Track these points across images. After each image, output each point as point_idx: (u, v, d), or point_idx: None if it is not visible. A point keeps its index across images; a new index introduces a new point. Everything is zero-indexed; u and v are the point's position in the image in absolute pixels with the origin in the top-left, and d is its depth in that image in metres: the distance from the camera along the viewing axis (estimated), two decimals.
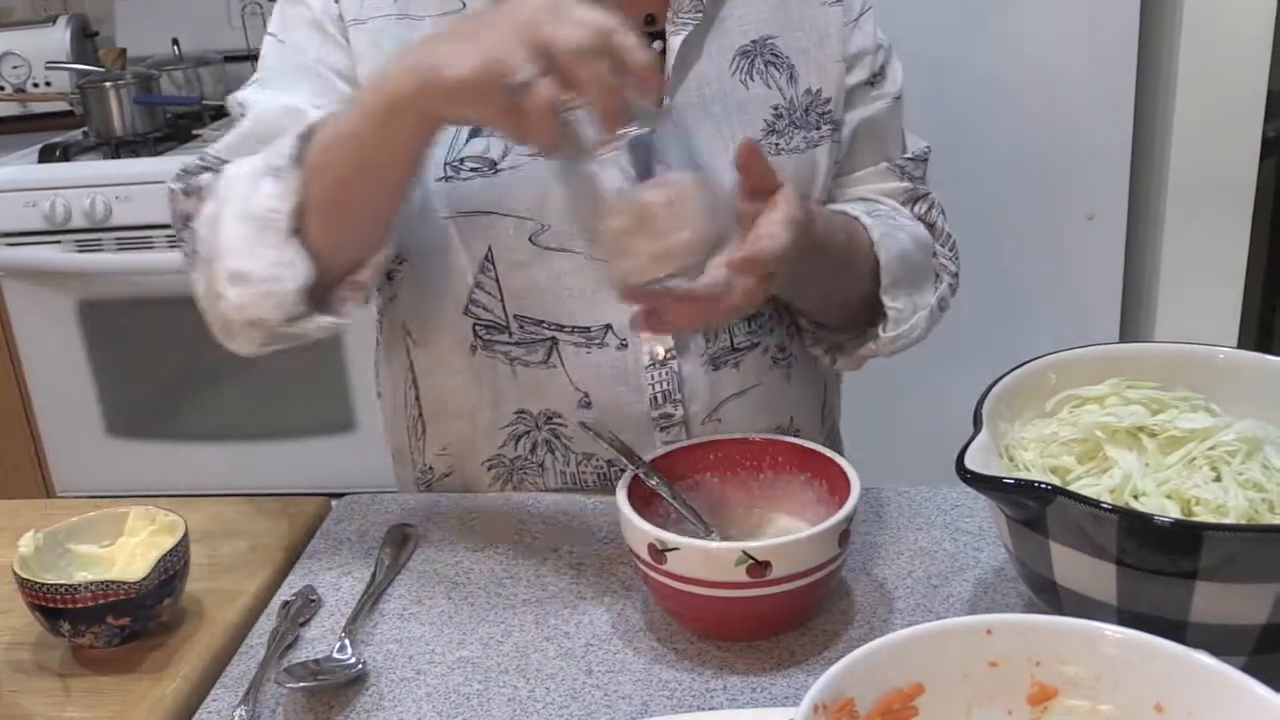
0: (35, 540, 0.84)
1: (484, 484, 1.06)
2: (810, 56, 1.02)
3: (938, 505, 0.95)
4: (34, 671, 0.83)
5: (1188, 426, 0.74)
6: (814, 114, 1.03)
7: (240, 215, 0.87)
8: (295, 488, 2.13)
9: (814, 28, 1.03)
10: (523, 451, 1.03)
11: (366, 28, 0.96)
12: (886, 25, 1.09)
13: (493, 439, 1.03)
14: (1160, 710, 0.55)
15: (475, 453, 1.05)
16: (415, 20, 0.96)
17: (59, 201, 2.11)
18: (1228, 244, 1.93)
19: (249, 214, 0.87)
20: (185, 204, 0.95)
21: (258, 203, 0.86)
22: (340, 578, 0.91)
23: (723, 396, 1.02)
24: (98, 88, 2.30)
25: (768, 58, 1.01)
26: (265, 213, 0.86)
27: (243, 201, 0.87)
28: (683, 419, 1.01)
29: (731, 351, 1.02)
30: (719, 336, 1.02)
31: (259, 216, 0.87)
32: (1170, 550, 0.64)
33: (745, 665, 0.78)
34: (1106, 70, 1.88)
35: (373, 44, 0.96)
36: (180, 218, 0.96)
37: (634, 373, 0.99)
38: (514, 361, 1.00)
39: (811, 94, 1.02)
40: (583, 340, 0.98)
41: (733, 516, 0.89)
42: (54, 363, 2.23)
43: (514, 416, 1.02)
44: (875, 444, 1.30)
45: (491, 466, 1.05)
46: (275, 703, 0.77)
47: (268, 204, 0.86)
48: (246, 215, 0.87)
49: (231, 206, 0.88)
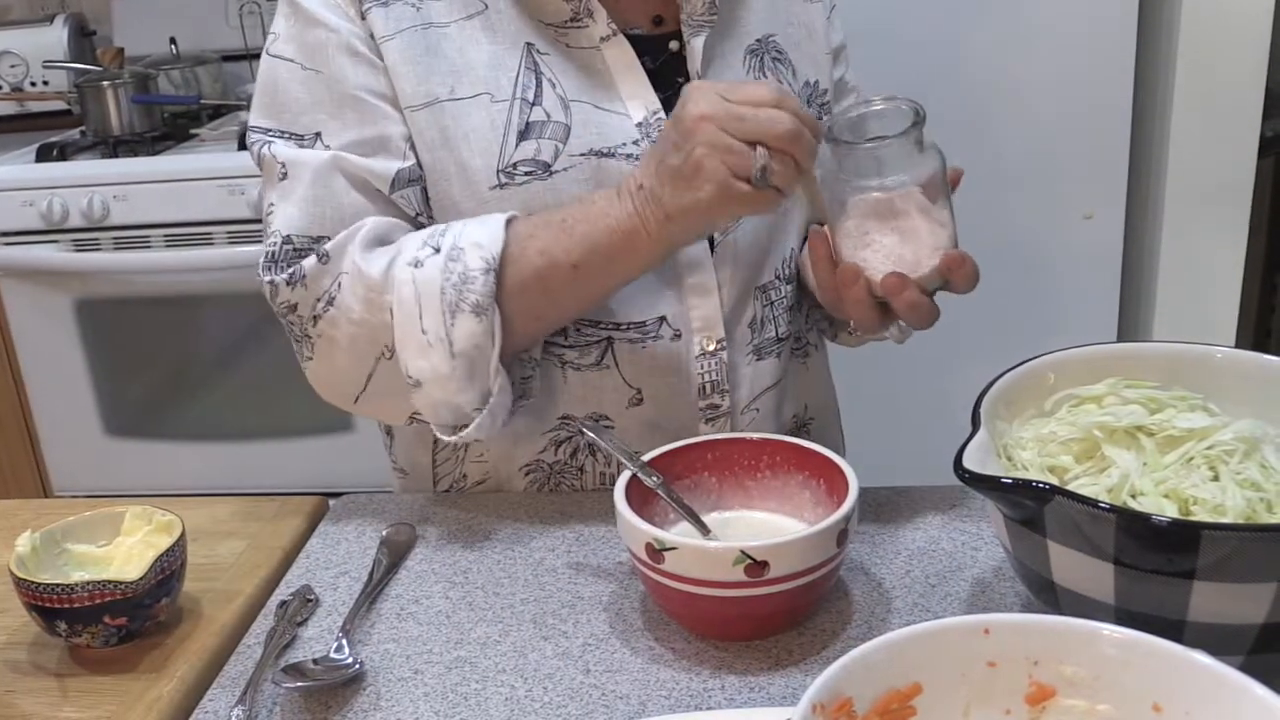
0: (32, 540, 0.84)
1: (519, 489, 1.05)
2: (803, 50, 1.07)
3: (936, 505, 0.95)
4: (31, 671, 0.83)
5: (1186, 426, 0.74)
6: (814, 105, 1.07)
7: (437, 349, 0.90)
8: (293, 487, 2.13)
9: (801, 23, 1.07)
10: (563, 456, 1.03)
11: (395, 43, 0.95)
12: (885, 23, 1.11)
13: (534, 444, 1.03)
14: (1158, 710, 0.55)
15: (514, 458, 1.04)
16: (440, 28, 0.96)
17: (56, 201, 2.10)
18: (1226, 243, 1.92)
19: (451, 351, 0.90)
20: (289, 295, 0.94)
21: (461, 339, 0.90)
22: (337, 577, 0.91)
23: (762, 387, 1.05)
24: (95, 87, 2.29)
25: (773, 54, 1.04)
26: (473, 351, 0.90)
27: (430, 334, 0.90)
28: (728, 409, 1.02)
29: (776, 341, 1.06)
30: (765, 326, 1.04)
31: (466, 354, 0.90)
32: (1168, 550, 0.64)
33: (743, 665, 0.78)
34: (1104, 68, 1.88)
35: (402, 59, 0.95)
36: (286, 307, 0.95)
37: (685, 362, 1.00)
38: (566, 365, 1.00)
39: (810, 86, 1.07)
40: (638, 335, 0.99)
41: (730, 516, 0.89)
42: (51, 362, 2.23)
43: (558, 422, 1.02)
44: (873, 443, 1.30)
45: (529, 472, 1.04)
46: (272, 703, 0.77)
47: (473, 341, 0.90)
48: (448, 351, 0.90)
49: (407, 337, 0.90)
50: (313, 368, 0.97)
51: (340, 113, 0.95)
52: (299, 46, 0.96)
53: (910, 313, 0.86)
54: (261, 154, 0.97)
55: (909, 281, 0.85)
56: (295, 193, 0.94)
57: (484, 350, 0.90)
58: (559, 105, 0.96)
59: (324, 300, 0.93)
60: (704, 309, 1.00)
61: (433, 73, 0.95)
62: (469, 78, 0.95)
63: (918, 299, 0.85)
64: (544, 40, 0.97)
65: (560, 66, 0.97)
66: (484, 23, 0.96)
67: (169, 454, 2.26)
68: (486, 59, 0.96)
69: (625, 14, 0.99)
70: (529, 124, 0.95)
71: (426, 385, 0.91)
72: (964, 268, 0.85)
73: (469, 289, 0.88)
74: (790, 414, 1.10)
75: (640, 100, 0.97)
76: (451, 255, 0.89)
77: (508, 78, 0.96)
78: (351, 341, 0.93)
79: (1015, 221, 1.95)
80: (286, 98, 0.96)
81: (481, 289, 0.88)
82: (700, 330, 1.00)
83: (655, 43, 0.99)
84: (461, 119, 0.95)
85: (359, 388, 0.96)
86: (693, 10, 0.98)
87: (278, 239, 0.94)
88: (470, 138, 0.95)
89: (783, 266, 1.05)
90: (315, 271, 0.93)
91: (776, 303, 1.05)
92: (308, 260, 0.93)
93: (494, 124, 0.95)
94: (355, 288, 0.91)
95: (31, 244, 2.15)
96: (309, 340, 0.95)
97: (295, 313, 0.95)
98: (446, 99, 0.95)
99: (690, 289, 1.00)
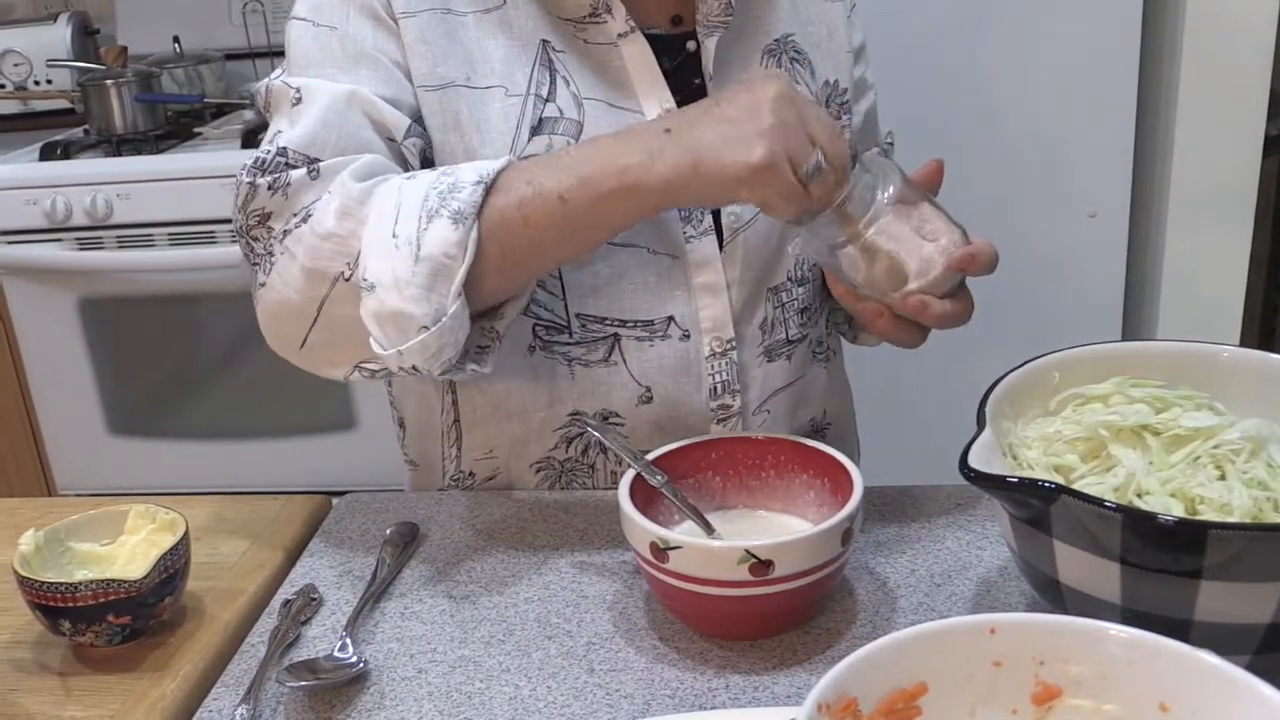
0: (35, 538, 0.84)
1: (530, 486, 1.05)
2: (824, 49, 1.07)
3: (941, 504, 0.95)
4: (34, 670, 0.83)
5: (1192, 425, 0.74)
6: (834, 105, 1.07)
7: (403, 251, 0.83)
8: (296, 486, 2.13)
9: (822, 22, 1.07)
10: (574, 453, 1.03)
11: (414, 21, 0.95)
12: (890, 23, 1.11)
13: (544, 441, 1.03)
14: (1165, 710, 0.55)
15: (524, 455, 1.04)
16: (458, 16, 0.96)
17: (60, 199, 2.10)
18: (1230, 242, 1.92)
19: (416, 253, 0.83)
20: (268, 200, 0.89)
21: (431, 243, 0.83)
22: (341, 576, 0.91)
23: (774, 388, 1.05)
24: (99, 85, 2.29)
25: (791, 54, 1.04)
26: (440, 258, 0.83)
27: (400, 238, 0.83)
28: (739, 410, 1.02)
29: (786, 344, 1.05)
30: (775, 328, 1.04)
31: (433, 259, 0.83)
32: (1174, 549, 0.63)
33: (747, 664, 0.78)
34: (1109, 67, 1.88)
35: (419, 39, 0.94)
36: (258, 215, 0.89)
37: (695, 363, 1.00)
38: (573, 362, 1.00)
39: (830, 85, 1.07)
40: (645, 334, 0.99)
41: (735, 515, 0.89)
42: (55, 361, 2.23)
43: (568, 419, 1.02)
44: (878, 442, 1.30)
45: (540, 469, 1.04)
46: (276, 702, 0.77)
47: (443, 248, 0.83)
48: (414, 254, 0.83)
49: (375, 240, 0.84)
50: (264, 296, 0.89)
51: (353, 68, 0.92)
52: (314, 7, 0.95)
53: (941, 323, 0.87)
54: (271, 85, 0.94)
55: (929, 299, 0.86)
56: (306, 115, 0.90)
57: (452, 262, 0.83)
58: (572, 103, 0.96)
59: (300, 216, 0.87)
60: (713, 309, 1.00)
61: (450, 56, 0.95)
62: (484, 70, 0.95)
63: (942, 310, 0.86)
64: (561, 36, 0.97)
65: (576, 64, 0.97)
66: (501, 17, 0.96)
67: (173, 453, 2.26)
68: (502, 54, 0.96)
69: (644, 13, 0.99)
70: (542, 120, 0.95)
71: (380, 289, 0.83)
72: (975, 264, 0.85)
73: (454, 196, 0.84)
74: (807, 418, 1.10)
75: (655, 99, 0.97)
76: (446, 171, 0.86)
77: (522, 73, 0.96)
78: (313, 257, 0.86)
79: (1019, 220, 1.95)
80: (303, 52, 0.94)
81: (467, 198, 0.83)
82: (709, 331, 1.00)
83: (673, 43, 0.99)
84: (475, 108, 0.95)
85: (308, 322, 0.87)
86: (709, 11, 0.98)
87: (272, 149, 0.90)
88: (482, 127, 0.95)
89: (795, 268, 1.05)
90: (300, 183, 0.88)
91: (788, 304, 1.05)
92: (296, 171, 0.88)
93: (506, 117, 0.95)
94: (332, 202, 0.86)
95: (35, 243, 2.15)
96: (269, 260, 0.89)
97: (265, 224, 0.89)
98: (462, 84, 0.95)
99: (699, 289, 0.99)
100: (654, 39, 0.98)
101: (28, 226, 2.14)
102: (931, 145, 1.13)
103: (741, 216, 1.00)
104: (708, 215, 0.99)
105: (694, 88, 0.99)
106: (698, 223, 0.98)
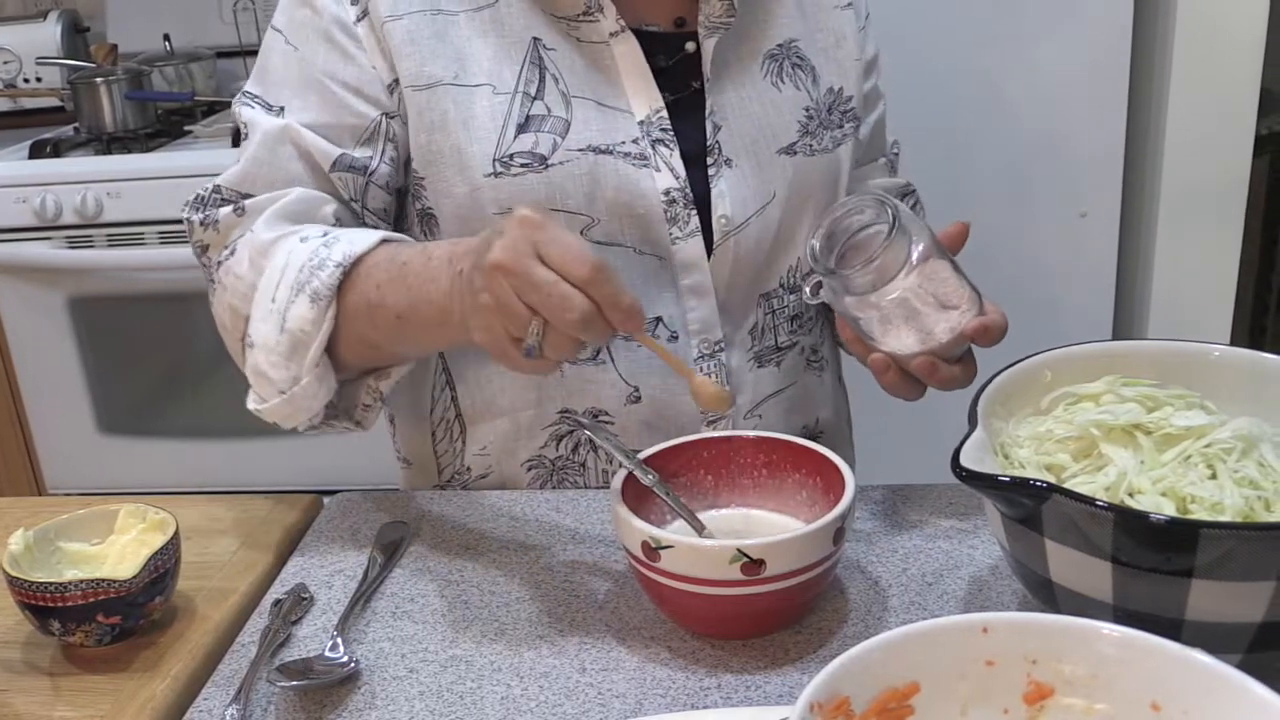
0: (25, 538, 0.84)
1: (522, 484, 1.05)
2: (830, 56, 1.07)
3: (932, 503, 0.95)
4: (24, 670, 0.82)
5: (1183, 424, 0.74)
6: (837, 113, 1.06)
7: (273, 319, 0.90)
8: (287, 485, 2.12)
9: (831, 30, 1.07)
10: (565, 452, 1.03)
11: (401, 23, 0.96)
12: (884, 26, 1.11)
13: (534, 439, 1.03)
14: (1157, 709, 0.55)
15: (515, 453, 1.04)
16: (449, 14, 0.97)
17: (50, 198, 2.10)
18: (1221, 241, 1.93)
19: (283, 324, 0.89)
20: (202, 235, 0.99)
21: (293, 319, 0.89)
22: (332, 576, 0.91)
23: (765, 394, 1.05)
24: (89, 83, 2.29)
25: (794, 60, 1.04)
26: (298, 332, 0.89)
27: (276, 304, 0.90)
28: (730, 414, 1.02)
29: (775, 350, 1.05)
30: (764, 334, 1.04)
31: (292, 332, 0.89)
32: (1166, 548, 0.63)
33: (740, 663, 0.78)
34: (1100, 67, 1.88)
35: (406, 40, 0.96)
36: (198, 247, 0.99)
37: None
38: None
39: (834, 93, 1.06)
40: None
41: (727, 514, 0.89)
42: (45, 359, 2.22)
43: (558, 416, 1.02)
44: (870, 441, 1.30)
45: (532, 467, 1.04)
46: (267, 701, 0.77)
47: (300, 324, 0.89)
48: (280, 324, 0.89)
49: (262, 299, 0.91)
50: (215, 311, 0.98)
51: (304, 93, 0.97)
52: (288, 21, 1.00)
53: (946, 386, 0.89)
54: (238, 105, 1.01)
55: (939, 362, 0.87)
56: (244, 151, 0.99)
57: (308, 337, 0.89)
58: (560, 101, 0.96)
59: (229, 249, 0.96)
60: (700, 311, 1.00)
61: (438, 56, 0.96)
62: (473, 67, 0.96)
63: (949, 374, 0.88)
64: (554, 34, 0.97)
65: (566, 61, 0.97)
66: (493, 15, 0.97)
67: (163, 452, 2.26)
68: (492, 52, 0.96)
69: (645, 12, 0.99)
70: (529, 117, 0.95)
71: (256, 349, 0.91)
72: (987, 336, 0.86)
73: (318, 275, 0.89)
74: (800, 425, 1.09)
75: (644, 98, 0.97)
76: (327, 242, 0.90)
77: (511, 71, 0.96)
78: (234, 294, 0.94)
79: (1010, 220, 1.95)
80: (269, 67, 1.00)
81: (326, 279, 0.88)
82: (698, 333, 1.00)
83: (671, 41, 0.99)
84: (463, 105, 0.95)
85: (240, 351, 0.96)
86: (710, 12, 0.98)
87: (210, 185, 0.99)
88: (469, 124, 0.95)
89: (788, 276, 1.05)
90: (228, 221, 0.96)
91: (779, 311, 1.05)
92: (224, 209, 0.97)
93: (494, 114, 0.95)
94: (246, 247, 0.94)
95: (25, 241, 2.14)
96: (213, 285, 0.98)
97: (206, 254, 0.99)
98: (450, 83, 0.96)
99: (686, 290, 0.99)
100: (653, 37, 0.98)
101: (17, 225, 2.13)
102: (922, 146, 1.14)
103: (733, 220, 0.99)
104: (694, 216, 0.98)
105: (691, 88, 0.99)
106: (684, 224, 0.98)
